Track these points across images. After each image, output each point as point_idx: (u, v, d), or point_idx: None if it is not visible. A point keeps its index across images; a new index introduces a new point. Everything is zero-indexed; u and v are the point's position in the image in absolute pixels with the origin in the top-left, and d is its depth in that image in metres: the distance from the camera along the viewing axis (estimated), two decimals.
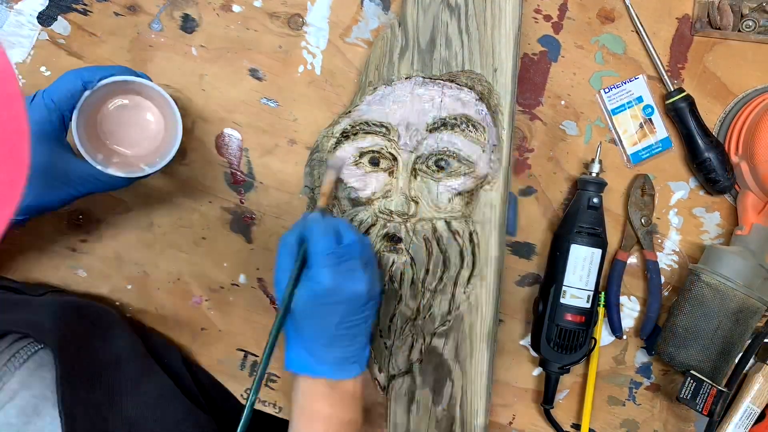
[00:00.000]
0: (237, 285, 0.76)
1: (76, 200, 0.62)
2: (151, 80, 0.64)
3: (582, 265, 0.72)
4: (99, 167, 0.61)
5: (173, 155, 0.64)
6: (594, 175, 0.74)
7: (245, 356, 0.76)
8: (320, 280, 0.57)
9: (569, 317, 0.72)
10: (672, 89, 0.76)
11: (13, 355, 0.59)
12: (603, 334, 0.78)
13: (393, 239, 0.71)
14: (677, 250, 0.79)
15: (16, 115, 0.34)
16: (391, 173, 0.71)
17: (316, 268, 0.58)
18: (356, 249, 0.59)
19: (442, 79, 0.71)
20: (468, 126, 0.71)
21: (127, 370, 0.64)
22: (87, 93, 0.60)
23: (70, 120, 0.60)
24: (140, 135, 0.68)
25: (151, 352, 0.70)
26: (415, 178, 0.71)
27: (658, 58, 0.77)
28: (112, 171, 0.61)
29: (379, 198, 0.71)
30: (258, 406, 0.77)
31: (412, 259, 0.71)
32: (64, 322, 0.63)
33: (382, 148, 0.71)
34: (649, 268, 0.77)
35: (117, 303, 0.75)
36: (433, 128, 0.71)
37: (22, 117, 0.35)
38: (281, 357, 0.76)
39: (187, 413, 0.66)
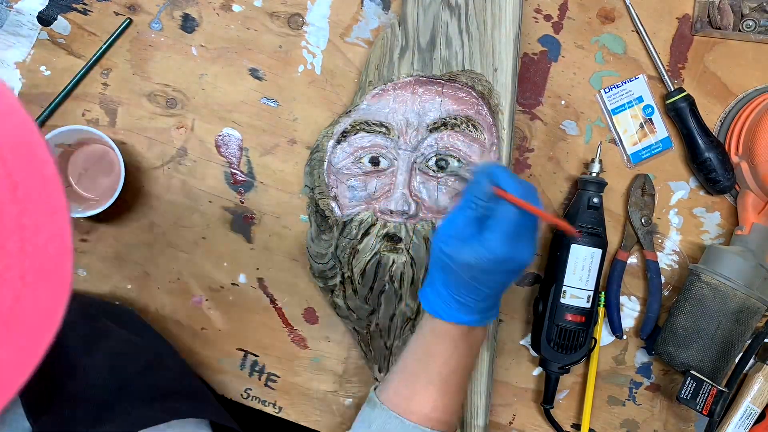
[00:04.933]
0: (237, 285, 0.76)
1: None
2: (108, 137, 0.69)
3: (582, 265, 0.72)
4: None
5: (114, 199, 0.70)
6: (594, 175, 0.74)
7: (245, 356, 0.76)
8: (495, 250, 0.54)
9: (569, 317, 0.72)
10: (672, 89, 0.76)
11: None
12: (603, 334, 0.78)
13: (393, 239, 0.71)
14: (677, 250, 0.79)
15: (60, 231, 0.32)
16: (391, 173, 0.71)
17: (496, 235, 0.55)
18: (536, 221, 0.57)
19: (442, 79, 0.71)
20: (468, 126, 0.71)
21: (79, 332, 0.64)
22: None
23: None
24: (106, 179, 0.74)
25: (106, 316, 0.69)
26: (416, 177, 0.71)
27: (659, 58, 0.77)
28: None
29: (379, 198, 0.71)
30: (258, 406, 0.77)
31: (412, 258, 0.71)
32: None
33: (383, 148, 0.71)
34: (649, 268, 0.77)
35: (117, 303, 0.75)
36: (433, 128, 0.71)
37: (66, 233, 0.32)
38: (282, 357, 0.76)
39: (146, 368, 0.65)
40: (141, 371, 0.65)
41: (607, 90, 0.78)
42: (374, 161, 0.71)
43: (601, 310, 0.77)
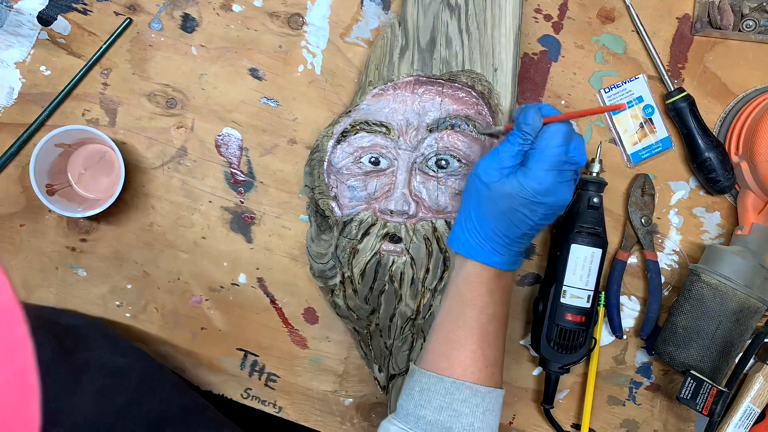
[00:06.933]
0: (237, 285, 0.76)
1: None
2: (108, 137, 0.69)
3: (582, 265, 0.72)
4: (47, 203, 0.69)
5: (114, 198, 0.70)
6: (594, 174, 0.74)
7: (245, 356, 0.76)
8: (539, 178, 0.57)
9: (569, 317, 0.72)
10: (672, 89, 0.76)
11: None
12: (603, 334, 0.78)
13: (393, 239, 0.71)
14: (677, 249, 0.79)
15: (23, 369, 0.29)
16: (391, 173, 0.71)
17: (543, 167, 0.58)
18: (581, 164, 0.60)
19: (442, 79, 0.71)
20: (468, 126, 0.71)
21: (58, 374, 0.62)
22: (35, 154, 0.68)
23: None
24: (106, 179, 0.75)
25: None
26: (416, 177, 0.71)
27: (659, 58, 0.77)
28: (55, 208, 0.69)
29: (379, 197, 0.71)
30: (258, 406, 0.77)
31: (412, 258, 0.71)
32: None
33: (383, 148, 0.71)
34: (649, 268, 0.77)
35: (117, 303, 0.75)
36: (433, 128, 0.71)
37: (30, 371, 0.29)
38: (282, 357, 0.76)
39: (134, 396, 0.63)
40: (129, 402, 0.63)
41: (607, 90, 0.78)
42: (374, 161, 0.71)
43: (601, 310, 0.77)
